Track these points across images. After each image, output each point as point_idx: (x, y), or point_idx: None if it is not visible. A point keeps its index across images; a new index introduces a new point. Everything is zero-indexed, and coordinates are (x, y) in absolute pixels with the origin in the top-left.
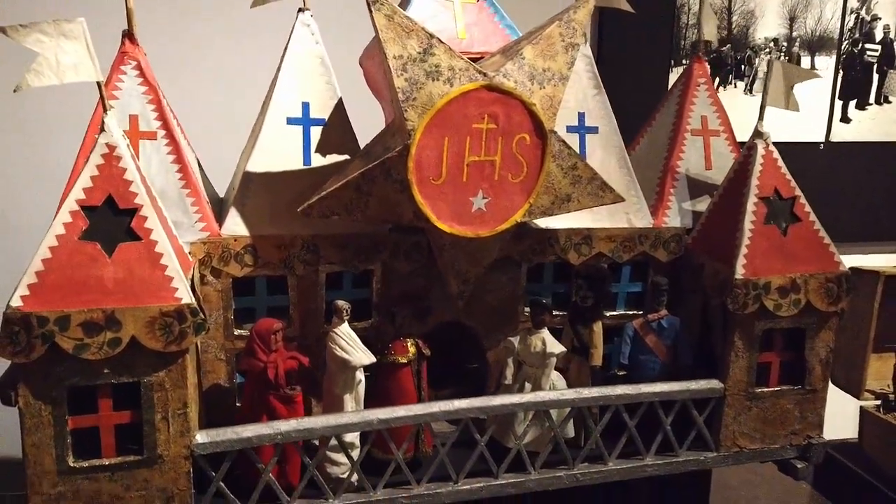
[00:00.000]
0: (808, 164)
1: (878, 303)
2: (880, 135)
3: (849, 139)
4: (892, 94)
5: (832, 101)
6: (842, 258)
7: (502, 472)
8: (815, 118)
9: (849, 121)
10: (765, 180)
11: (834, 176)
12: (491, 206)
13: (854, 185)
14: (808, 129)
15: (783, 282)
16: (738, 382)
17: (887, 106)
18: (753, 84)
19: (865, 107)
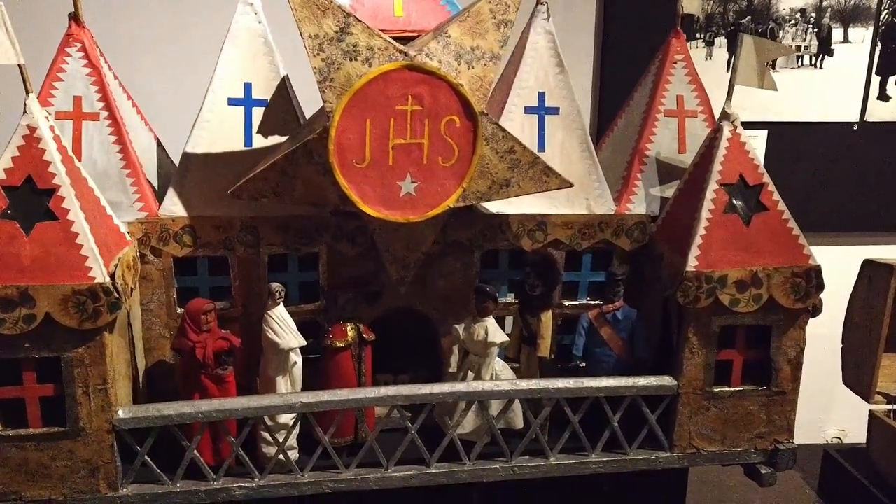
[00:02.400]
0: (840, 146)
1: (891, 298)
2: None
3: (888, 118)
4: None
5: (868, 76)
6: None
7: (434, 461)
8: (848, 95)
9: (888, 98)
10: (729, 166)
11: (869, 160)
12: (421, 191)
13: (892, 169)
14: (840, 108)
15: (742, 275)
16: (694, 381)
17: None
18: (777, 60)
19: None
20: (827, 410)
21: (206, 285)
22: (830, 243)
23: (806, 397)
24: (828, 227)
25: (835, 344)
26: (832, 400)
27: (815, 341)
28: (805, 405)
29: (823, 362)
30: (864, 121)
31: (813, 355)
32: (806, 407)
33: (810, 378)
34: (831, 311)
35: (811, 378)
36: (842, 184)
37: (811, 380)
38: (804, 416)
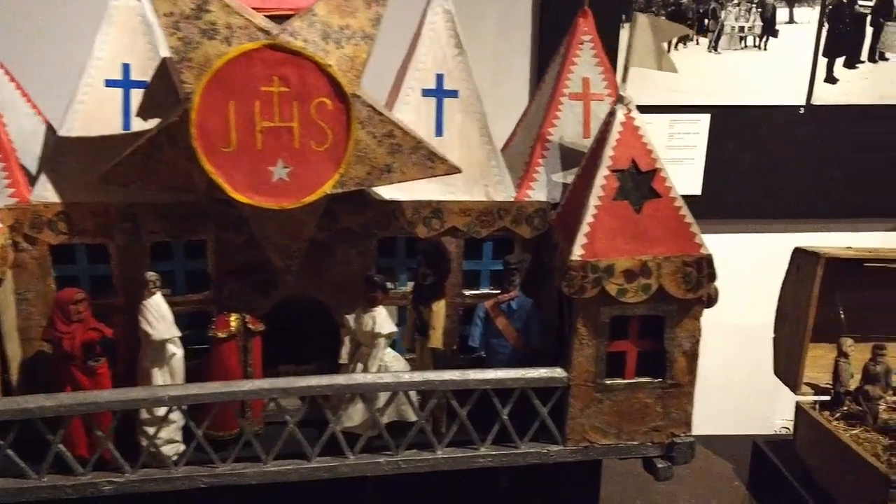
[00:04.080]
0: (786, 130)
1: (816, 288)
2: (874, 97)
3: (834, 102)
4: (889, 49)
5: (815, 58)
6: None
7: (316, 455)
8: (794, 78)
9: (835, 81)
10: (622, 151)
11: (815, 144)
12: (294, 176)
13: (839, 154)
14: (786, 91)
15: (631, 264)
16: (585, 373)
17: (883, 64)
18: (719, 41)
19: (856, 65)
20: (776, 401)
21: (87, 274)
22: (778, 230)
23: (755, 387)
24: (771, 213)
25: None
26: (781, 390)
27: (767, 331)
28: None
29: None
30: (810, 104)
31: (765, 346)
32: (754, 397)
33: (760, 368)
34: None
35: (761, 368)
36: (785, 168)
37: (761, 370)
38: (751, 407)
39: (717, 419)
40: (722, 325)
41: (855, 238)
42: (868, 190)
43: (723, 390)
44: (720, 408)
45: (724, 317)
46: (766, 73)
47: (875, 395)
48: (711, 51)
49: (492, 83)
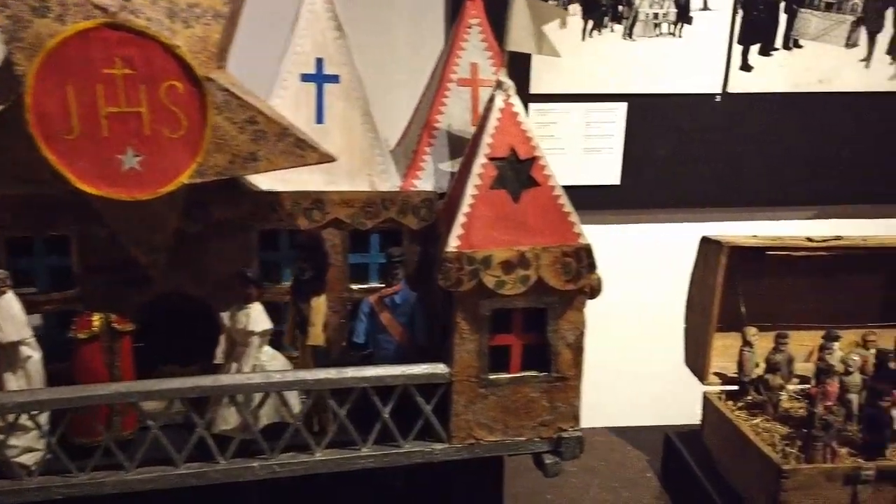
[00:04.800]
0: (703, 118)
1: (721, 277)
2: (789, 84)
3: (750, 90)
4: (803, 37)
5: (730, 46)
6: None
7: (183, 461)
8: (710, 65)
9: (750, 69)
10: (500, 138)
11: (732, 132)
12: (147, 165)
13: (755, 142)
14: (702, 79)
15: (509, 255)
16: (468, 368)
17: (798, 51)
18: (633, 27)
19: (770, 52)
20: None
21: None
22: (695, 219)
23: (671, 377)
24: (689, 202)
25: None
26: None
27: (682, 321)
28: (669, 386)
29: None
30: (726, 92)
31: (681, 336)
32: (671, 387)
33: (677, 358)
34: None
35: (677, 358)
36: (705, 157)
37: (677, 360)
38: (668, 398)
39: (634, 410)
40: (640, 314)
41: (773, 226)
42: (785, 178)
43: (639, 381)
44: (637, 398)
45: (643, 306)
46: (681, 61)
47: (775, 384)
48: (627, 38)
49: (409, 70)
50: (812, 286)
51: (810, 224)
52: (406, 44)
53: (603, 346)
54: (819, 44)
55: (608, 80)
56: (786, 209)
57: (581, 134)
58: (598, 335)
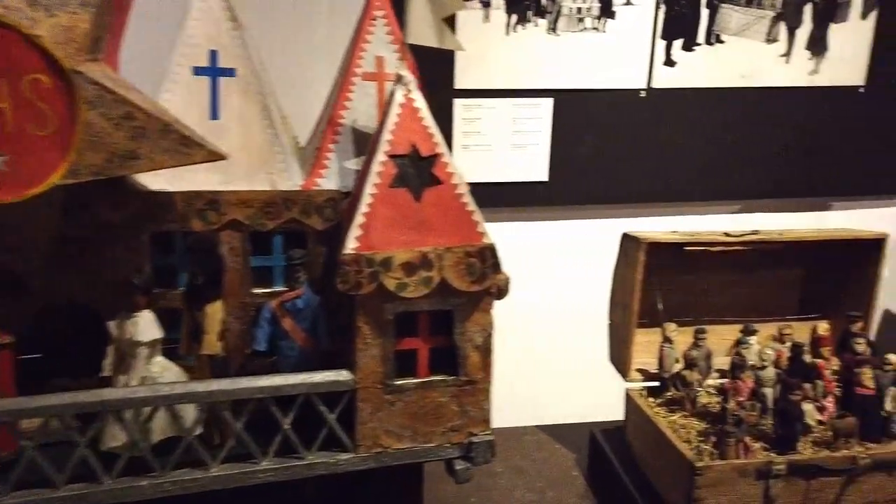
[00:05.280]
0: (628, 114)
1: (640, 273)
2: (712, 79)
3: (674, 85)
4: (724, 32)
5: (653, 40)
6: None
7: (64, 483)
8: (634, 61)
9: (673, 64)
10: (401, 135)
11: (657, 127)
12: (14, 166)
13: (680, 137)
14: (626, 74)
15: (410, 256)
16: (372, 374)
17: (719, 46)
18: (557, 22)
19: (693, 48)
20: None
21: None
22: (622, 214)
23: (600, 374)
24: (617, 198)
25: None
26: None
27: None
28: (599, 382)
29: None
30: (651, 87)
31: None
32: (600, 384)
33: (605, 354)
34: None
35: (605, 354)
36: (631, 153)
37: (605, 357)
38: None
39: (563, 407)
40: (568, 310)
41: (700, 221)
42: (710, 173)
43: (568, 377)
44: (566, 395)
45: (571, 303)
46: (606, 56)
47: (692, 380)
48: (551, 33)
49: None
50: (732, 281)
51: (735, 218)
52: (326, 37)
53: (533, 343)
54: (740, 39)
55: (533, 75)
56: (712, 204)
57: (508, 130)
58: (527, 332)
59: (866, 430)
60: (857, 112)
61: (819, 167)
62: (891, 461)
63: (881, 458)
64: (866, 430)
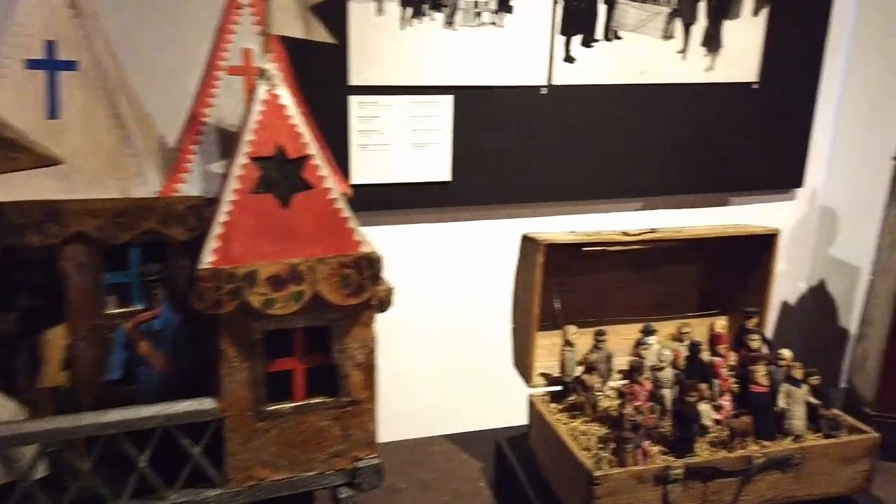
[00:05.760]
0: (530, 111)
1: (539, 275)
2: (612, 76)
3: (575, 82)
4: (622, 28)
5: (552, 36)
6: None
7: None
8: (534, 57)
9: (573, 60)
10: (265, 135)
11: (559, 125)
12: None
13: (583, 134)
14: (527, 70)
15: (277, 269)
16: (241, 400)
17: (618, 42)
18: (454, 16)
19: (591, 44)
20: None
21: None
22: (527, 214)
23: (509, 380)
24: (520, 197)
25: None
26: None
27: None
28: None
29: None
30: (551, 84)
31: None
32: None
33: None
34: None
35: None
36: (534, 151)
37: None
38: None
39: (471, 415)
40: (474, 314)
41: (603, 219)
42: (613, 170)
43: (475, 384)
44: (473, 403)
45: (477, 306)
46: (506, 52)
47: (592, 384)
48: (448, 27)
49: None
50: (632, 279)
51: (638, 216)
52: (195, 24)
53: (439, 349)
54: (638, 35)
55: (432, 71)
56: (614, 202)
57: (407, 128)
58: (433, 337)
59: (761, 428)
60: (752, 108)
61: (717, 163)
62: (785, 459)
63: (775, 456)
64: (761, 429)
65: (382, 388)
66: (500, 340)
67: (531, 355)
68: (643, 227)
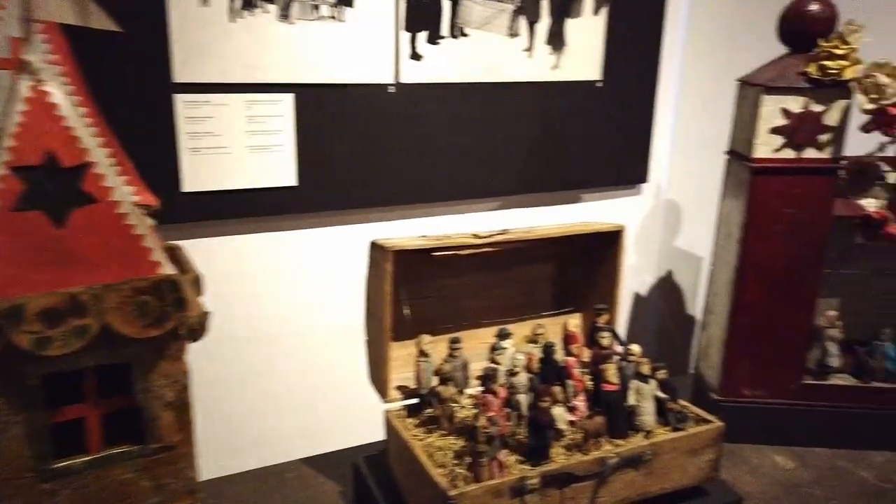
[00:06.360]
0: (379, 110)
1: (388, 284)
2: (461, 74)
3: (423, 80)
4: (468, 25)
5: (396, 32)
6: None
7: None
8: (379, 53)
9: (420, 57)
10: (29, 140)
11: (409, 125)
12: None
13: (435, 134)
14: (373, 68)
15: (52, 301)
16: (18, 459)
17: (465, 40)
18: (289, 8)
19: (437, 41)
20: None
21: None
22: (379, 219)
23: (372, 395)
24: (372, 201)
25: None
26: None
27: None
28: (368, 404)
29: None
30: (399, 82)
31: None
32: (369, 406)
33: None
34: None
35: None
36: (385, 153)
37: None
38: (369, 418)
39: (331, 435)
40: (330, 329)
41: (461, 221)
42: (464, 171)
43: (332, 401)
44: (332, 422)
45: (330, 320)
46: (348, 48)
47: (447, 395)
48: (283, 20)
49: None
50: (487, 282)
51: (493, 216)
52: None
53: (290, 368)
54: (484, 32)
55: (268, 68)
56: (470, 203)
57: (244, 130)
58: (284, 356)
59: (613, 426)
60: (597, 106)
61: (567, 161)
62: (637, 456)
63: (628, 454)
64: (613, 427)
65: (229, 415)
66: (355, 354)
67: (385, 368)
68: (494, 228)
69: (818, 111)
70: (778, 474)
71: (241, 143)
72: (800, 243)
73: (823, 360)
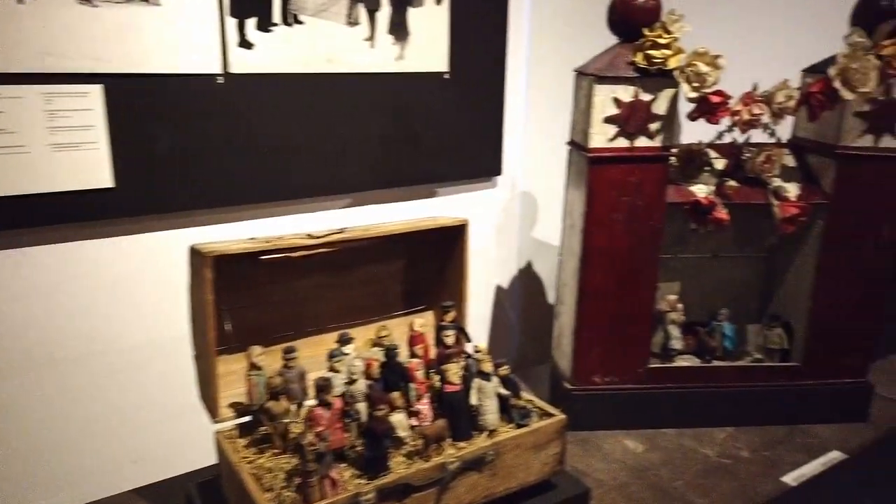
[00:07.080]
0: (206, 103)
1: (209, 293)
2: (298, 64)
3: (256, 70)
4: (303, 12)
5: (221, 18)
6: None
7: None
8: (204, 42)
9: (250, 46)
10: None
11: (242, 119)
12: None
13: (271, 129)
14: (198, 57)
15: None
16: None
17: (300, 27)
18: None
19: (269, 28)
20: None
21: None
22: (209, 221)
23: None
24: (200, 202)
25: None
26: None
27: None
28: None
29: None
30: (228, 73)
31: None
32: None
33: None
34: None
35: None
36: (214, 149)
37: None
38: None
39: (164, 461)
40: (155, 346)
41: (308, 219)
42: (307, 167)
43: (164, 426)
44: (166, 447)
45: (158, 336)
46: (166, 34)
47: (277, 411)
48: (85, 3)
49: None
50: (328, 284)
51: (343, 214)
52: None
53: (118, 391)
54: (321, 20)
55: (67, 55)
56: (315, 201)
57: (45, 126)
58: (108, 378)
59: (456, 429)
60: (446, 98)
61: (420, 155)
62: (479, 458)
63: (469, 457)
64: (457, 430)
65: (41, 448)
66: (185, 371)
67: (214, 385)
68: (332, 227)
69: (647, 100)
70: (628, 459)
71: (42, 140)
72: (638, 230)
73: (667, 343)
